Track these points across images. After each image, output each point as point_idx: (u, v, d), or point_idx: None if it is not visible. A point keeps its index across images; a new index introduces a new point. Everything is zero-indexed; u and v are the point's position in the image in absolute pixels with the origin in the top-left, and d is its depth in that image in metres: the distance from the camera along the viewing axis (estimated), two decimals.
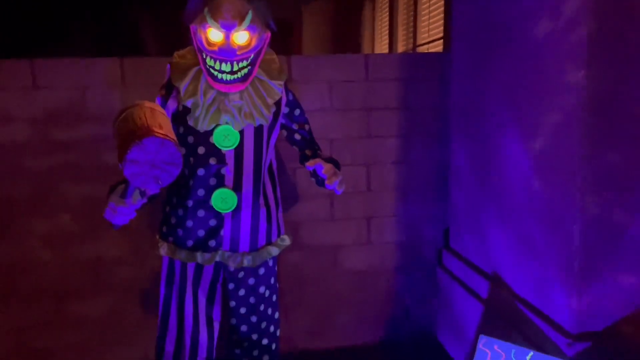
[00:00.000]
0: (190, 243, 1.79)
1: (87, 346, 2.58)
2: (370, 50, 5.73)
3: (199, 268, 1.84)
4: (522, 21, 1.88)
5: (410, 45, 4.39)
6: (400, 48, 4.70)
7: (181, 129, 1.74)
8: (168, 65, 1.77)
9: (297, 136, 1.93)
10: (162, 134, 1.38)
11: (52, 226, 2.50)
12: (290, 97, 1.88)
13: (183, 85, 1.71)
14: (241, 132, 1.74)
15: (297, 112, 1.90)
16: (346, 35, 6.28)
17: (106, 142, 2.49)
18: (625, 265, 1.66)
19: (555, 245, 1.75)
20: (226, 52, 1.61)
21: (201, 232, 1.78)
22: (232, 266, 1.82)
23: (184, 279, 1.84)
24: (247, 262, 1.82)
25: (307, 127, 1.94)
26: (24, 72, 2.40)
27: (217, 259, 1.81)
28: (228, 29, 1.60)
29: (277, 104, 1.82)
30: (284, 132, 1.94)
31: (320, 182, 1.81)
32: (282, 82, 1.81)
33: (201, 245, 1.79)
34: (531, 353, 1.69)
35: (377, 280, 2.80)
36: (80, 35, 5.32)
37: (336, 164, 1.81)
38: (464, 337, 2.40)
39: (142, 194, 1.60)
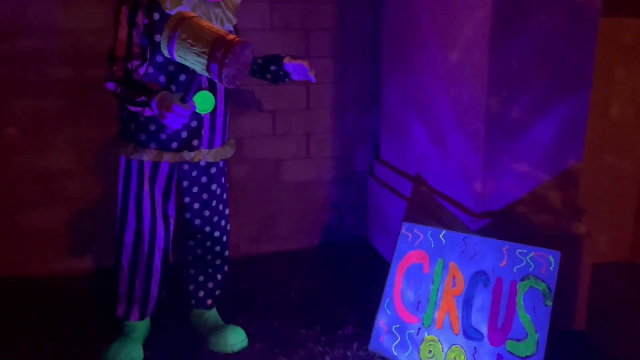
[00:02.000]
0: (175, 145, 1.94)
1: (39, 255, 2.70)
2: None
3: (155, 167, 1.99)
4: None
5: None
6: None
7: (158, 38, 1.81)
8: None
9: None
10: (243, 40, 1.61)
11: None
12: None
13: None
14: None
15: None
16: None
17: (49, 56, 2.52)
18: (520, 155, 2.00)
19: (464, 141, 2.07)
20: None
21: (184, 134, 1.94)
22: (211, 159, 2.01)
23: (141, 177, 1.99)
24: (225, 154, 2.04)
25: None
26: None
27: (200, 157, 1.98)
28: None
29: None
30: None
31: (282, 76, 2.06)
32: None
33: (185, 145, 1.95)
34: (444, 231, 2.02)
35: (314, 191, 3.07)
36: None
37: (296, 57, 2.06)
38: (391, 235, 2.74)
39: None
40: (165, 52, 1.71)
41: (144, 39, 1.82)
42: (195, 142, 1.97)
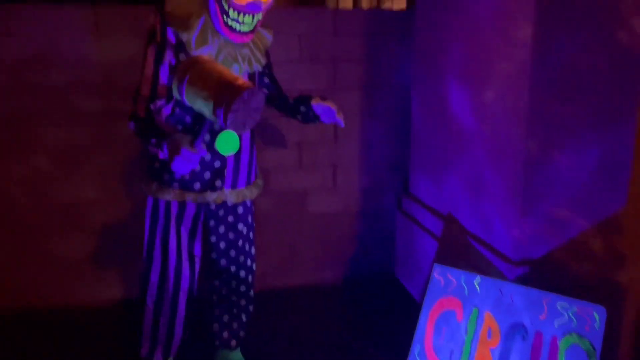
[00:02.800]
0: (197, 186, 1.92)
1: (66, 285, 2.70)
2: (334, 4, 5.77)
3: (182, 206, 1.97)
4: None
5: (375, 2, 4.49)
6: (365, 4, 4.78)
7: None
8: (158, 16, 1.80)
9: (266, 79, 2.07)
10: (252, 85, 1.57)
11: (28, 169, 2.56)
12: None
13: (192, 35, 1.77)
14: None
15: (268, 56, 2.06)
16: None
17: (78, 88, 2.53)
18: (561, 200, 1.91)
19: (501, 183, 1.99)
20: (255, 6, 1.74)
21: (207, 174, 1.91)
22: (233, 201, 1.97)
23: (167, 216, 1.97)
24: (248, 194, 2.00)
25: (272, 69, 2.11)
26: None
27: (223, 197, 1.95)
28: None
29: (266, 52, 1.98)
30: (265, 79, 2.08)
31: (312, 118, 2.02)
32: (271, 31, 1.97)
33: (209, 186, 1.92)
34: (478, 278, 1.94)
35: (340, 223, 3.01)
36: None
37: (325, 99, 2.04)
38: (420, 272, 2.66)
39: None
40: (177, 95, 1.69)
41: (170, 79, 1.80)
42: (218, 183, 1.94)
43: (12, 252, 2.61)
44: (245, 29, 1.79)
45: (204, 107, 1.62)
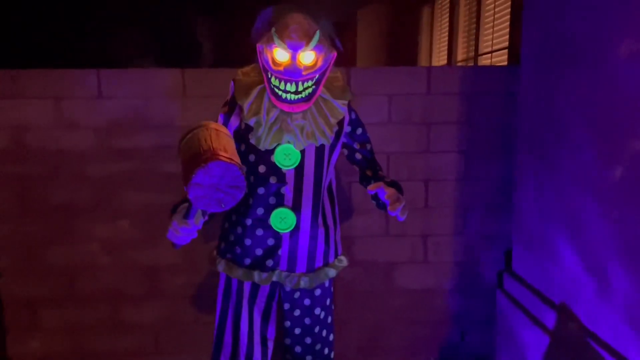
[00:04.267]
0: (247, 261, 1.77)
1: (141, 352, 2.63)
2: (427, 59, 5.61)
3: (256, 286, 1.81)
4: (604, 36, 1.75)
5: (471, 54, 4.24)
6: (460, 56, 4.55)
7: (243, 147, 1.73)
8: (232, 82, 1.75)
9: (358, 155, 1.88)
10: (227, 158, 1.36)
11: (111, 232, 2.55)
12: (353, 116, 1.83)
13: (247, 103, 1.69)
14: (302, 152, 1.71)
15: (359, 131, 1.85)
16: (402, 42, 6.16)
17: (166, 152, 2.52)
18: None
19: (633, 279, 1.62)
20: (292, 73, 1.58)
21: (259, 251, 1.75)
22: (288, 286, 1.80)
23: (240, 296, 1.82)
24: (303, 283, 1.79)
25: (368, 146, 1.88)
26: (90, 82, 2.46)
27: (274, 278, 1.78)
28: (295, 49, 1.57)
29: (340, 122, 1.78)
30: (345, 151, 1.89)
31: (382, 205, 1.75)
32: (346, 102, 1.77)
33: (258, 264, 1.76)
34: None
35: (432, 301, 2.70)
36: (141, 46, 5.47)
37: (399, 188, 1.74)
38: None
39: (204, 213, 1.61)
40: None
41: (236, 144, 1.71)
42: (269, 263, 1.76)
43: (92, 314, 2.59)
44: (291, 97, 1.63)
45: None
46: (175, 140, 2.46)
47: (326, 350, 1.91)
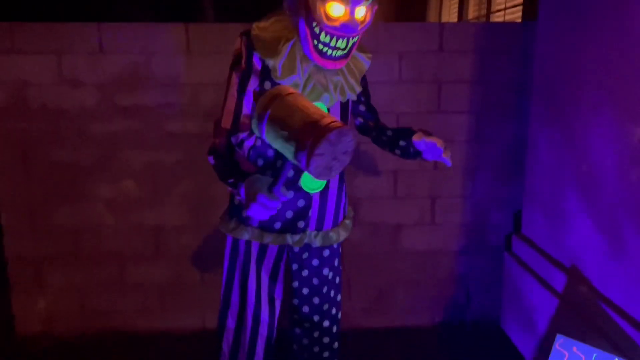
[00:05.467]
0: (278, 225, 1.72)
1: (147, 310, 2.64)
2: (436, 16, 5.44)
3: (264, 247, 1.78)
4: None
5: (483, 12, 4.10)
6: (472, 14, 4.41)
7: None
8: (242, 38, 1.62)
9: (362, 107, 1.83)
10: (341, 124, 1.33)
11: (115, 192, 2.52)
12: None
13: (278, 61, 1.56)
14: (328, 109, 1.65)
15: (364, 83, 1.81)
16: None
17: (169, 110, 2.46)
18: None
19: None
20: (349, 28, 1.49)
21: (289, 214, 1.70)
22: (318, 244, 1.77)
23: (248, 257, 1.79)
24: (335, 238, 1.78)
25: (369, 97, 1.85)
26: (91, 36, 2.38)
27: (305, 240, 1.75)
28: (355, 3, 1.48)
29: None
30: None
31: (413, 154, 1.74)
32: (370, 55, 1.72)
33: (290, 227, 1.72)
34: (616, 359, 1.55)
35: (438, 262, 2.69)
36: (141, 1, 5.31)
37: (429, 133, 1.74)
38: (532, 328, 2.27)
39: (287, 187, 1.57)
40: (257, 133, 1.47)
41: (254, 109, 1.62)
42: (300, 224, 1.72)
43: (97, 274, 2.58)
44: (338, 54, 1.54)
45: (285, 149, 1.39)
46: (180, 98, 2.45)
47: (334, 310, 1.91)
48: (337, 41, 1.51)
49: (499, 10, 3.81)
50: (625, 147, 1.69)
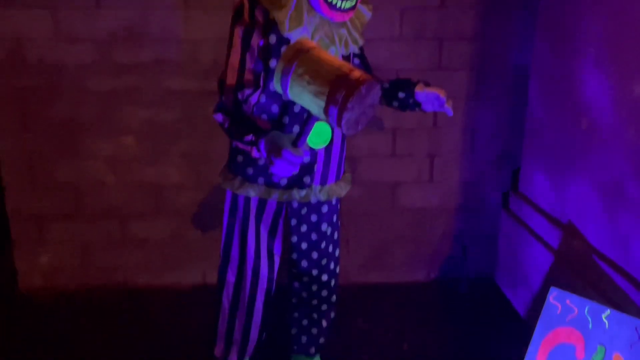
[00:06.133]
0: (284, 182, 1.73)
1: (149, 266, 2.67)
2: None
3: (263, 202, 1.80)
4: None
5: None
6: None
7: (274, 63, 1.59)
8: None
9: (357, 60, 1.82)
10: (370, 77, 1.33)
11: (115, 148, 2.52)
12: None
13: (285, 14, 1.53)
14: None
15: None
16: None
17: (167, 66, 2.43)
18: None
19: None
20: None
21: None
22: (323, 199, 1.78)
23: (247, 212, 1.81)
24: (338, 191, 1.80)
25: (364, 49, 1.83)
26: None
27: (311, 195, 1.76)
28: None
29: None
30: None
31: (412, 105, 1.75)
32: (370, 6, 1.70)
33: (296, 183, 1.73)
34: (608, 311, 1.60)
35: (435, 220, 2.72)
36: None
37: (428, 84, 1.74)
38: (526, 283, 2.32)
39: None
40: (279, 89, 1.45)
41: (259, 64, 1.59)
42: (307, 179, 1.73)
43: (98, 230, 2.61)
44: (347, 5, 1.52)
45: (312, 104, 1.37)
46: (178, 53, 2.41)
47: (332, 265, 1.94)
48: None
49: None
50: (625, 104, 1.69)
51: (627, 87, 1.68)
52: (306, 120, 1.45)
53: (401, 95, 1.77)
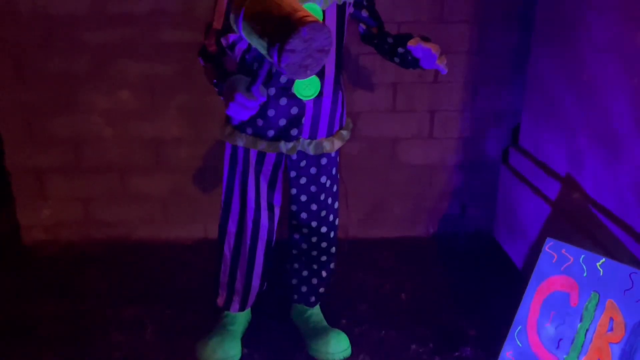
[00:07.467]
0: (271, 133, 1.73)
1: (150, 220, 2.70)
2: None
3: (262, 154, 1.80)
4: None
5: None
6: None
7: None
8: None
9: (365, 12, 1.78)
10: (315, 20, 1.24)
11: (112, 103, 2.50)
12: None
13: None
14: (323, 12, 1.60)
15: None
16: None
17: (163, 18, 2.39)
18: None
19: None
20: None
21: (283, 121, 1.71)
22: (311, 153, 1.78)
23: (246, 164, 1.81)
24: (328, 147, 1.78)
25: (374, 2, 1.79)
26: None
27: (299, 147, 1.76)
28: None
29: None
30: (351, 9, 1.78)
31: (411, 62, 1.71)
32: None
33: (283, 135, 1.73)
34: (603, 259, 1.62)
35: (435, 175, 2.73)
36: None
37: (429, 40, 1.69)
38: (524, 237, 2.34)
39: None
40: (236, 29, 1.41)
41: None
42: (294, 132, 1.73)
43: (97, 185, 2.62)
44: None
45: (259, 46, 1.33)
46: (174, 6, 2.36)
47: (331, 217, 1.96)
48: None
49: None
50: (626, 55, 1.66)
51: (628, 40, 1.65)
52: (260, 63, 1.42)
53: (401, 50, 1.74)
